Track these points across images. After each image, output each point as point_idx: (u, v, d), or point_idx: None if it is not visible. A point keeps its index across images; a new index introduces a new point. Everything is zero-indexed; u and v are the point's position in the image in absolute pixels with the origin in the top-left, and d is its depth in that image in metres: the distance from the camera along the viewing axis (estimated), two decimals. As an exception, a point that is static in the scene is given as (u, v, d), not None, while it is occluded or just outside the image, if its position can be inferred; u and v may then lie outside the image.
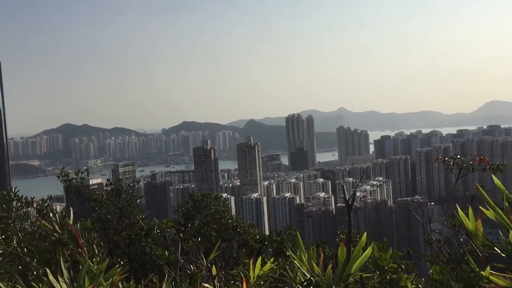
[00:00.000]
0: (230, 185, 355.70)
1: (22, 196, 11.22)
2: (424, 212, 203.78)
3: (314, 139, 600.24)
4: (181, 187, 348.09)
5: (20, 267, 9.41)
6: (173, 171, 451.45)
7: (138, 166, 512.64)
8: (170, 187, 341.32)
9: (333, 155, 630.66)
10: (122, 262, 10.32)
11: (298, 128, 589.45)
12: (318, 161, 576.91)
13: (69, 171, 14.04)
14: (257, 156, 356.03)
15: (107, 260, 3.96)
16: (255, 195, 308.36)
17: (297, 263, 4.25)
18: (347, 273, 3.88)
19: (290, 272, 4.37)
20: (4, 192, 11.24)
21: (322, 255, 4.46)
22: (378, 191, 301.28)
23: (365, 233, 4.19)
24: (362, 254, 3.82)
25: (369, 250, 3.80)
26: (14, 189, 11.28)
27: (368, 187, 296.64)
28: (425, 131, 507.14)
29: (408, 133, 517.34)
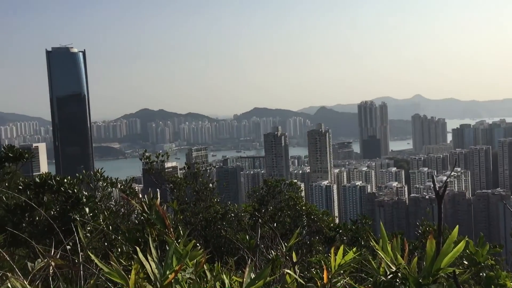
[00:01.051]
0: (300, 171, 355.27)
1: (107, 177, 11.89)
2: (507, 206, 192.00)
3: (387, 127, 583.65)
4: (252, 172, 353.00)
5: (105, 244, 9.96)
6: (244, 157, 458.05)
7: (210, 150, 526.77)
8: (241, 172, 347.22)
9: (408, 143, 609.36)
10: (198, 244, 10.63)
11: (370, 115, 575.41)
12: (391, 150, 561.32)
13: (147, 154, 14.64)
14: (328, 143, 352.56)
15: (193, 241, 4.04)
16: (325, 182, 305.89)
17: (380, 254, 4.10)
18: (437, 268, 3.68)
19: (373, 263, 4.22)
20: (92, 173, 11.96)
21: (407, 247, 4.28)
22: (456, 182, 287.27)
23: (457, 227, 3.95)
24: (453, 248, 3.61)
25: (462, 243, 3.56)
26: (100, 170, 11.97)
27: (444, 178, 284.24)
28: (509, 120, 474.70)
29: (491, 122, 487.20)
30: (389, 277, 3.86)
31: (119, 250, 9.34)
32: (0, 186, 9.73)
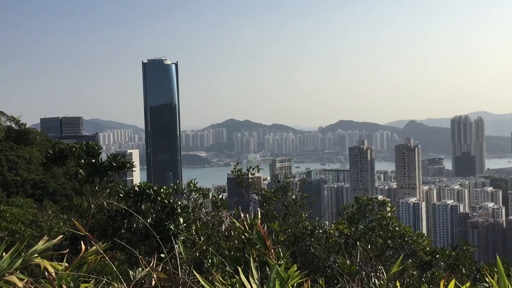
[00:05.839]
0: (386, 187, 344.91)
1: (199, 188, 12.20)
2: None
3: (483, 144, 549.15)
4: (336, 185, 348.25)
5: (197, 254, 10.10)
6: (328, 169, 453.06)
7: (294, 162, 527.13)
8: (325, 185, 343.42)
9: (508, 162, 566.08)
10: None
11: (465, 130, 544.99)
12: (488, 168, 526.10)
13: (231, 163, 14.84)
14: (417, 159, 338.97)
15: (296, 265, 3.89)
16: (413, 199, 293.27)
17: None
18: None
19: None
20: (186, 183, 12.34)
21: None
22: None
23: None
24: None
25: None
26: (193, 180, 12.32)
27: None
28: None
29: None
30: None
31: (210, 261, 9.42)
32: (102, 193, 10.33)
